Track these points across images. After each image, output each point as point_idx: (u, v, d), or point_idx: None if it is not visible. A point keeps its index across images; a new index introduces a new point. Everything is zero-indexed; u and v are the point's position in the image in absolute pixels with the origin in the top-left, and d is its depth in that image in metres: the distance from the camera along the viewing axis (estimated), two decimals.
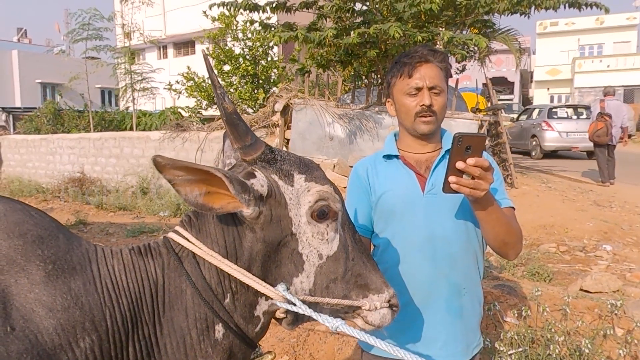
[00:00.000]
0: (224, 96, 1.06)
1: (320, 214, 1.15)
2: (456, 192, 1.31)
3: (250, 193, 1.07)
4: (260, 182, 1.10)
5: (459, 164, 1.27)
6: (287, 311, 1.15)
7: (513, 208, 1.59)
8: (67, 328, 0.98)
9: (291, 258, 1.14)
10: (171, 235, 1.16)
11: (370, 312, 1.20)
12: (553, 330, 2.81)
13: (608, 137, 8.98)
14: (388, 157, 1.65)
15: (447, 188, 1.31)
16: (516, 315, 3.10)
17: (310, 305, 1.14)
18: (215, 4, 9.70)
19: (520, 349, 2.72)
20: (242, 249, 1.12)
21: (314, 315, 1.11)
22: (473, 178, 1.28)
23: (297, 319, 1.20)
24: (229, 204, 1.07)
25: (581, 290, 4.03)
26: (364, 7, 9.07)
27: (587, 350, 2.60)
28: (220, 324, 1.12)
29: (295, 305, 1.10)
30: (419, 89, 1.54)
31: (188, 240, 1.12)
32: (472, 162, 1.26)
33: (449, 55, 8.50)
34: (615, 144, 9.14)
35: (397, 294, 1.29)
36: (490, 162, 1.34)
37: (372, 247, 1.69)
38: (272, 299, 1.13)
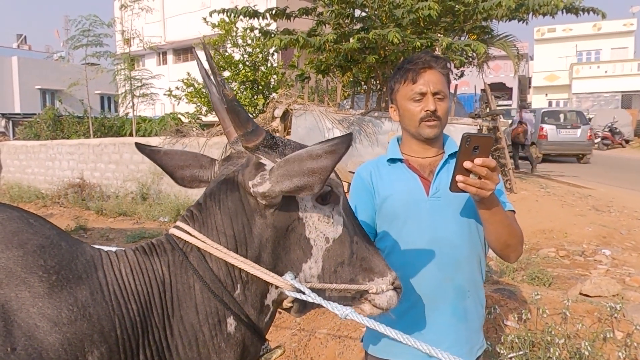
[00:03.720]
0: (223, 84, 1.07)
1: (324, 197, 1.17)
2: (463, 191, 1.33)
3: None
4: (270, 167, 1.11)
5: (467, 164, 1.29)
6: (294, 299, 1.15)
7: (514, 212, 1.61)
8: (75, 342, 0.92)
9: (299, 243, 1.15)
10: (173, 231, 1.14)
11: (377, 296, 1.22)
12: (553, 333, 2.83)
13: (525, 138, 13.25)
14: (392, 161, 1.67)
15: (454, 187, 1.33)
16: (516, 318, 3.11)
17: (319, 292, 1.15)
18: (215, 11, 9.75)
19: (520, 352, 2.73)
20: (252, 236, 1.11)
21: (324, 303, 1.11)
22: (480, 178, 1.30)
23: (305, 306, 1.20)
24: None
25: (581, 294, 4.04)
26: (363, 14, 9.11)
27: (587, 353, 2.62)
28: (232, 317, 1.10)
29: (304, 294, 1.10)
30: (423, 95, 1.56)
31: (190, 234, 1.11)
32: (480, 162, 1.28)
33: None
34: (529, 144, 13.70)
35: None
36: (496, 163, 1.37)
37: None
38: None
